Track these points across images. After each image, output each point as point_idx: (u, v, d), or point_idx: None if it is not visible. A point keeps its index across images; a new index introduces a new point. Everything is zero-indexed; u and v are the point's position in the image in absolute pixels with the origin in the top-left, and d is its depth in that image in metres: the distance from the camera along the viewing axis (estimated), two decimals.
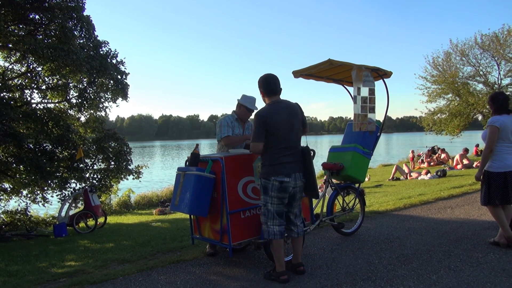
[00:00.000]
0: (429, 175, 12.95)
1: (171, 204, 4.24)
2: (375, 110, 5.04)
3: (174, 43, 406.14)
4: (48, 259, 5.86)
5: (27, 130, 10.83)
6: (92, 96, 12.10)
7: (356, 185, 5.29)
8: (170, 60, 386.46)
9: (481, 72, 20.81)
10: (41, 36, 10.73)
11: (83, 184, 11.06)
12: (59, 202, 11.08)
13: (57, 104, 12.40)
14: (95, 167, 12.41)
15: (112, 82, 12.08)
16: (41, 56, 9.51)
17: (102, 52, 11.82)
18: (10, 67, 11.80)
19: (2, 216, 11.68)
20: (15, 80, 11.77)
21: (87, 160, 11.87)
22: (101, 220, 9.78)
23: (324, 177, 5.09)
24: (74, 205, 10.81)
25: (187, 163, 4.24)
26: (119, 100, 12.61)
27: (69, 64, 9.87)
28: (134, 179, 12.89)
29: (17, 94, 11.59)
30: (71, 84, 12.23)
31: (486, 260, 3.95)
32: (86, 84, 12.00)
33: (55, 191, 11.44)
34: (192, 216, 4.38)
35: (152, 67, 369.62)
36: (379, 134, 5.23)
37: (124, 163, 12.31)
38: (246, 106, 4.59)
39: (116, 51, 12.14)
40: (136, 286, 3.78)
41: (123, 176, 12.51)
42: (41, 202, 11.59)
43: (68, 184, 11.38)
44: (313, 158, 4.43)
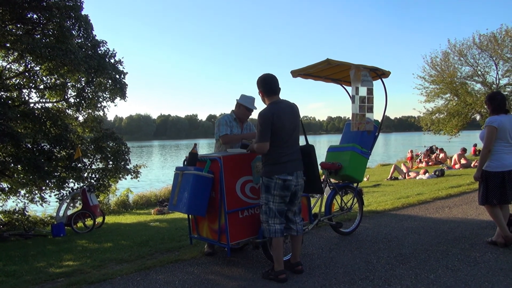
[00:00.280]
0: (427, 174, 12.97)
1: (169, 204, 4.24)
2: (373, 110, 5.05)
3: (173, 43, 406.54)
4: (46, 259, 5.84)
5: (25, 129, 10.80)
6: (90, 96, 12.07)
7: (355, 184, 5.30)
8: (169, 60, 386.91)
9: (479, 72, 20.88)
10: (39, 36, 10.70)
11: (81, 184, 11.05)
12: (57, 202, 11.05)
13: (55, 104, 12.37)
14: (93, 166, 12.39)
15: (110, 81, 12.08)
16: (39, 55, 9.48)
17: (100, 51, 11.81)
18: (8, 66, 11.76)
19: (0, 216, 11.64)
20: (13, 80, 11.74)
21: (85, 160, 11.85)
22: (99, 220, 9.75)
23: (322, 176, 5.09)
24: (72, 205, 10.77)
25: (185, 163, 4.24)
26: (117, 100, 12.60)
27: (67, 64, 9.83)
28: (132, 178, 12.87)
29: (15, 94, 11.56)
30: (69, 84, 12.20)
31: (484, 260, 3.96)
32: (84, 84, 11.96)
33: (53, 190, 11.42)
34: (190, 215, 4.37)
35: (150, 66, 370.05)
36: (377, 133, 5.24)
37: (122, 163, 12.29)
38: (245, 106, 4.59)
39: (114, 50, 12.16)
40: (134, 286, 3.78)
41: (121, 175, 12.49)
42: (39, 202, 11.56)
43: (66, 184, 11.35)
44: None
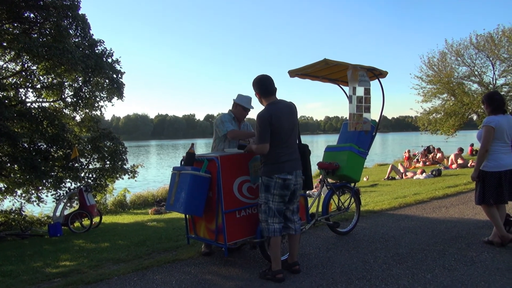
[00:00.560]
0: (424, 174, 12.99)
1: (166, 204, 4.23)
2: (371, 110, 5.07)
3: (171, 42, 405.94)
4: (42, 259, 5.83)
5: (21, 129, 10.74)
6: (88, 95, 12.02)
7: (352, 184, 5.30)
8: (167, 60, 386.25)
9: (476, 72, 20.95)
10: (36, 35, 10.66)
11: (78, 184, 11.01)
12: (54, 201, 11.01)
13: (52, 103, 12.31)
14: (90, 166, 12.33)
15: (107, 81, 12.02)
16: (35, 54, 9.44)
17: (97, 51, 11.76)
18: (5, 65, 11.71)
19: None
20: (10, 79, 11.68)
21: (82, 160, 11.80)
22: (96, 219, 9.73)
23: (319, 176, 5.10)
24: (69, 204, 10.75)
25: (183, 163, 4.23)
26: (115, 99, 12.53)
27: (64, 63, 9.79)
28: (129, 178, 12.83)
29: (11, 93, 11.51)
30: (66, 83, 12.14)
31: (480, 259, 3.97)
32: (81, 83, 11.91)
33: (50, 190, 11.35)
34: (188, 215, 4.37)
35: (148, 66, 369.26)
36: (375, 133, 5.25)
37: (120, 163, 12.24)
38: (242, 106, 4.59)
39: (111, 50, 12.10)
40: (131, 286, 3.77)
41: (118, 175, 12.44)
42: (35, 201, 11.49)
43: (63, 184, 11.28)
44: None
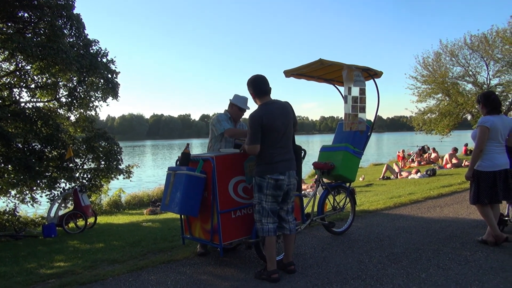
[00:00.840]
0: (419, 174, 13.06)
1: (161, 204, 4.22)
2: (366, 110, 5.08)
3: (167, 43, 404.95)
4: (36, 260, 5.79)
5: (15, 129, 10.68)
6: (82, 95, 11.98)
7: (347, 184, 5.31)
8: (162, 60, 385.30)
9: (470, 72, 21.08)
10: (30, 35, 10.61)
11: (73, 184, 10.96)
12: (48, 202, 10.96)
13: (46, 103, 12.26)
14: (85, 166, 12.29)
15: (102, 81, 12.00)
16: (30, 54, 9.39)
17: (92, 51, 11.74)
18: None
19: None
20: (4, 79, 11.61)
21: (77, 160, 11.76)
22: (91, 220, 9.67)
23: (315, 176, 5.11)
24: (63, 205, 10.69)
25: (178, 163, 4.22)
26: (110, 99, 12.53)
27: (58, 63, 9.75)
28: (124, 178, 12.80)
29: (5, 93, 11.45)
30: (60, 83, 12.09)
31: (474, 258, 4.00)
32: (76, 83, 11.87)
33: (44, 191, 11.29)
34: (183, 216, 4.36)
35: (143, 66, 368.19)
36: (370, 133, 5.26)
37: (115, 163, 12.21)
38: (238, 106, 4.58)
39: (106, 50, 12.08)
40: (126, 287, 3.75)
41: (113, 175, 12.41)
42: (30, 202, 11.43)
43: (58, 184, 11.24)
44: (303, 158, 4.47)
